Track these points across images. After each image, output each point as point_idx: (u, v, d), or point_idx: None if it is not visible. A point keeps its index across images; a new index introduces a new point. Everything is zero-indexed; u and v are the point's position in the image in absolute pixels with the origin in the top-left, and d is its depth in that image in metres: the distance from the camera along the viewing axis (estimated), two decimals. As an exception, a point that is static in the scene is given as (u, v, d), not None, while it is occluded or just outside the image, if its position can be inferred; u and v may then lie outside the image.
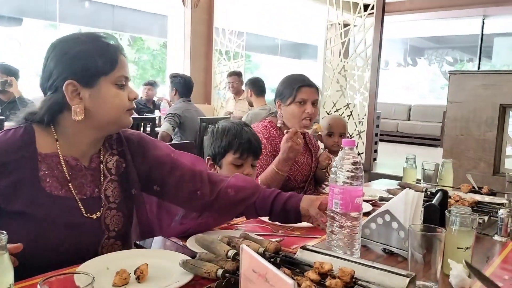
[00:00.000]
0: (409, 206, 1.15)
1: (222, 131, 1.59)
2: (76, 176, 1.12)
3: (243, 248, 0.62)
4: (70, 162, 1.12)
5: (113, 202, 1.17)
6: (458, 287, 0.97)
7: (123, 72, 1.12)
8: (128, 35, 9.60)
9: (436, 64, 12.31)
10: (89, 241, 1.12)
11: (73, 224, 1.09)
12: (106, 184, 1.17)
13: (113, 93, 1.10)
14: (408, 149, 2.94)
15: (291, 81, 2.03)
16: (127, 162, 1.22)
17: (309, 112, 1.96)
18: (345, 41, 5.05)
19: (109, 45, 1.11)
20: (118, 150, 1.22)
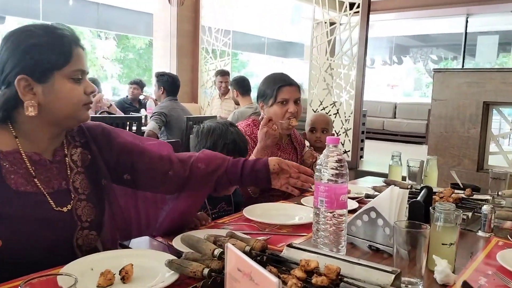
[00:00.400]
0: (394, 203, 1.16)
1: (207, 131, 1.58)
2: (41, 170, 1.10)
3: (228, 247, 0.61)
4: (33, 157, 1.09)
5: (82, 193, 1.16)
6: (443, 283, 0.98)
7: (79, 66, 1.09)
8: (113, 34, 9.51)
9: (421, 62, 12.46)
10: (63, 234, 1.10)
11: (45, 218, 1.07)
12: (73, 176, 1.15)
13: (67, 88, 1.07)
14: (394, 147, 2.97)
15: (271, 81, 2.02)
16: (92, 153, 1.21)
17: (291, 111, 1.96)
18: (331, 39, 5.06)
19: (64, 38, 1.08)
20: (81, 142, 1.21)
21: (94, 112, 4.38)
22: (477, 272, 1.07)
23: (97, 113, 4.30)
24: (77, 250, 1.11)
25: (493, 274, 1.05)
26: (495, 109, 3.14)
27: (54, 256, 1.04)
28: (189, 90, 6.58)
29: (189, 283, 0.92)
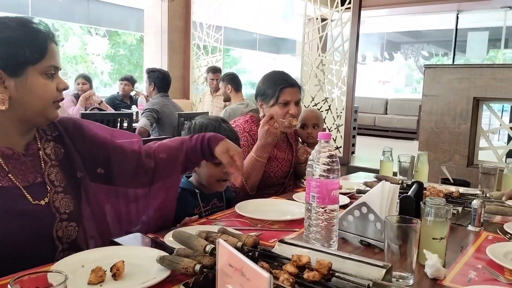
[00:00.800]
0: (385, 198, 1.16)
1: (199, 127, 1.57)
2: (14, 165, 1.09)
3: (219, 243, 0.61)
4: (6, 152, 1.08)
5: (59, 186, 1.16)
6: (433, 277, 0.99)
7: (52, 62, 1.08)
8: (104, 29, 9.43)
9: (412, 58, 12.52)
10: (42, 226, 1.09)
11: (23, 212, 1.06)
12: (48, 170, 1.15)
13: (40, 83, 1.07)
14: (385, 143, 2.98)
15: (273, 81, 1.98)
16: (65, 147, 1.21)
17: (292, 113, 1.94)
18: (323, 35, 5.07)
19: (39, 33, 1.07)
20: (52, 136, 1.21)
21: (84, 109, 4.35)
22: (467, 266, 1.08)
23: (87, 110, 4.27)
24: (57, 242, 1.11)
25: (483, 267, 1.06)
26: (485, 104, 3.16)
27: (35, 249, 1.04)
28: (181, 86, 6.55)
29: (181, 279, 0.91)
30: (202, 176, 1.56)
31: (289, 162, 2.09)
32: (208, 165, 1.53)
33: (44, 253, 1.04)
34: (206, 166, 1.54)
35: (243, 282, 0.54)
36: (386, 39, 12.34)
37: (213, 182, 1.56)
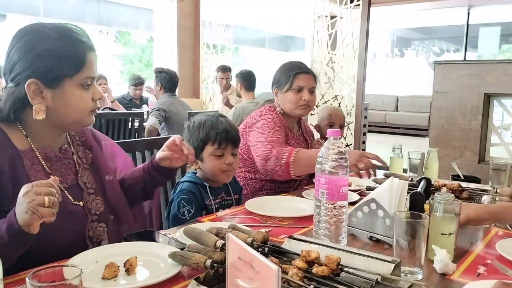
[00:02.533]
0: (394, 194, 1.17)
1: (198, 124, 1.61)
2: (56, 167, 1.14)
3: (229, 237, 0.63)
4: (48, 154, 1.13)
5: (90, 187, 1.20)
6: (442, 272, 1.00)
7: (90, 73, 1.10)
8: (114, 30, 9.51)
9: (423, 54, 12.42)
10: (78, 226, 1.14)
11: (65, 212, 1.09)
12: (81, 172, 1.20)
13: (77, 95, 1.09)
14: (396, 140, 2.97)
15: (288, 68, 2.02)
16: (92, 151, 1.27)
17: (306, 99, 1.96)
18: (332, 33, 5.06)
19: (78, 44, 1.08)
20: (81, 141, 1.26)
21: (96, 109, 4.40)
22: (477, 261, 1.08)
23: (100, 109, 4.32)
24: (89, 242, 1.15)
25: (492, 263, 1.07)
26: (497, 100, 3.14)
27: (69, 247, 1.07)
28: (191, 85, 6.58)
29: (192, 274, 0.93)
30: (206, 170, 1.60)
31: None
32: (210, 158, 1.58)
33: (75, 252, 1.06)
34: (209, 159, 1.58)
35: (252, 275, 0.55)
36: (396, 36, 12.26)
37: (218, 174, 1.59)
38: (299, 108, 1.99)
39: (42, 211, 0.86)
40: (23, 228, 0.88)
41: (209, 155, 1.58)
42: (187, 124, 1.66)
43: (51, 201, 0.87)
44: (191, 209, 1.50)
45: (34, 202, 0.86)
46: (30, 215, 0.86)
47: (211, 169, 1.58)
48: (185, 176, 1.66)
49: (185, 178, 1.64)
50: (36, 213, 0.86)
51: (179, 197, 1.54)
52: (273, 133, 1.90)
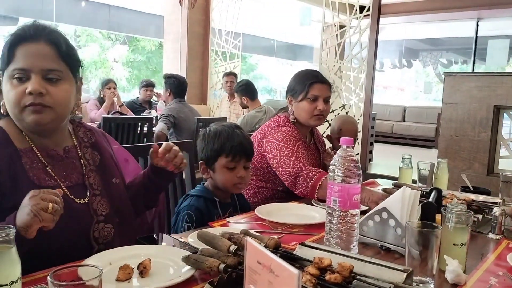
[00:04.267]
0: (406, 204, 1.17)
1: (214, 134, 1.60)
2: (57, 165, 1.16)
3: (247, 241, 0.63)
4: (50, 153, 1.15)
5: (97, 189, 1.21)
6: (454, 282, 1.00)
7: (19, 65, 1.06)
8: (123, 35, 9.59)
9: (431, 66, 12.41)
10: (81, 226, 1.14)
11: (68, 211, 1.08)
12: (88, 173, 1.21)
13: (7, 89, 1.08)
14: (403, 150, 2.96)
15: (304, 76, 2.00)
16: (101, 154, 1.28)
17: (320, 109, 1.95)
18: (341, 42, 5.08)
19: (9, 37, 1.08)
20: (90, 143, 1.28)
21: (106, 113, 4.44)
22: (488, 272, 1.08)
23: (109, 114, 4.35)
24: (94, 242, 1.15)
25: (504, 274, 1.06)
26: (506, 113, 3.13)
27: (73, 247, 1.09)
28: (199, 91, 6.62)
29: (205, 279, 0.94)
30: (218, 182, 1.59)
31: (317, 166, 2.09)
32: (222, 170, 1.57)
33: (81, 252, 1.07)
34: (221, 171, 1.57)
35: (271, 279, 0.56)
36: (404, 46, 12.27)
37: (229, 186, 1.59)
38: (313, 118, 1.98)
39: (44, 216, 0.87)
40: (20, 230, 0.88)
41: (221, 166, 1.57)
42: (202, 132, 1.66)
43: (54, 208, 0.89)
44: (191, 225, 1.49)
45: (38, 206, 0.87)
46: (31, 217, 0.87)
47: (222, 181, 1.58)
48: (195, 189, 1.65)
49: (195, 191, 1.62)
50: (38, 217, 0.87)
51: (185, 211, 1.54)
52: (297, 148, 1.88)
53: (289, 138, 1.91)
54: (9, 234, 0.74)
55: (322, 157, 2.16)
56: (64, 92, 1.11)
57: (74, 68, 1.16)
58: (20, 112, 1.07)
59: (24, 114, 1.07)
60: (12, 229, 0.74)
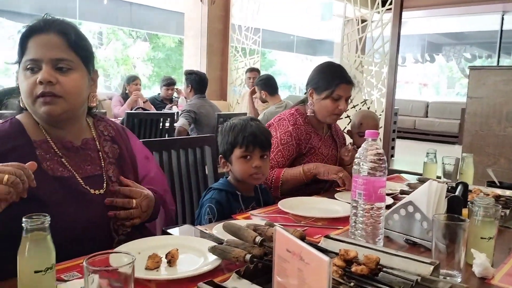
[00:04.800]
0: (432, 197, 1.16)
1: (229, 128, 1.63)
2: (73, 157, 1.17)
3: (276, 230, 0.64)
4: (65, 144, 1.16)
5: (116, 181, 1.23)
6: (481, 276, 0.99)
7: (30, 55, 1.09)
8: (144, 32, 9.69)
9: (454, 60, 12.16)
10: (100, 216, 1.15)
11: (81, 201, 1.12)
12: (106, 166, 1.23)
13: (20, 79, 1.11)
14: (426, 146, 2.90)
15: (330, 74, 1.99)
16: (120, 147, 1.30)
17: (341, 108, 1.97)
18: (362, 37, 5.03)
19: (23, 30, 1.12)
20: (110, 136, 1.30)
21: (129, 109, 4.51)
22: (516, 267, 1.06)
23: (132, 110, 4.42)
24: (114, 233, 1.17)
25: (533, 269, 1.05)
26: (533, 107, 3.06)
27: (93, 237, 1.11)
28: (218, 88, 6.65)
29: (231, 269, 0.95)
30: (236, 174, 1.62)
31: (334, 157, 2.09)
32: (238, 161, 1.59)
33: (101, 243, 1.10)
34: (237, 163, 1.60)
35: (301, 266, 0.57)
36: (427, 41, 12.05)
37: (246, 177, 1.60)
38: (331, 116, 2.00)
39: None
40: None
41: (237, 158, 1.59)
42: (220, 127, 1.69)
43: (10, 180, 0.87)
44: (212, 218, 1.52)
45: None
46: None
47: (240, 172, 1.60)
48: (217, 182, 1.68)
49: (217, 184, 1.65)
50: None
51: (207, 204, 1.56)
52: (283, 149, 1.95)
53: (283, 136, 1.96)
54: (44, 222, 0.76)
55: (339, 151, 2.15)
56: (75, 81, 1.12)
57: (85, 59, 1.16)
58: (33, 103, 1.10)
59: (37, 105, 1.10)
60: (47, 217, 0.77)
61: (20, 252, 0.75)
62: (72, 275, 0.91)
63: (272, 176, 1.88)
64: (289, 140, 1.96)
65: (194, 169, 1.95)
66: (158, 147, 1.81)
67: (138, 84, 4.97)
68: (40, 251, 0.76)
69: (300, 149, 1.98)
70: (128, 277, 0.67)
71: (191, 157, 1.94)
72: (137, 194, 1.21)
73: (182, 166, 1.89)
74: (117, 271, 0.66)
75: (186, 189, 1.89)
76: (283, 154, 1.94)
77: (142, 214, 1.21)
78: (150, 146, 1.77)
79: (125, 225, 1.17)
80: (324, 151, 2.03)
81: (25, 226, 0.75)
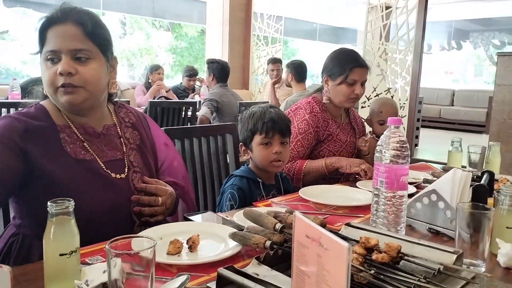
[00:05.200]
0: (457, 186, 1.14)
1: (248, 115, 1.64)
2: (95, 142, 1.19)
3: (296, 215, 0.64)
4: (87, 129, 1.18)
5: (137, 166, 1.25)
6: (507, 266, 0.96)
7: (50, 47, 1.11)
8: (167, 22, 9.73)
9: (482, 47, 11.81)
10: (121, 199, 1.17)
11: (102, 184, 1.15)
12: (128, 151, 1.25)
13: (42, 70, 1.13)
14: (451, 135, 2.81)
15: (344, 59, 1.98)
16: (141, 134, 1.32)
17: (357, 93, 1.95)
18: (387, 23, 4.92)
19: (40, 22, 1.13)
20: (131, 123, 1.32)
21: (152, 98, 4.56)
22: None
23: (155, 98, 4.47)
24: (135, 217, 1.19)
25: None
26: None
27: (115, 221, 1.13)
28: (240, 76, 6.65)
29: (251, 255, 0.96)
30: (256, 160, 1.63)
31: (353, 144, 2.07)
32: (258, 148, 1.60)
33: (122, 226, 1.12)
34: (257, 149, 1.60)
35: (320, 252, 0.56)
36: (454, 27, 11.73)
37: (267, 164, 1.61)
38: (348, 101, 1.99)
39: None
40: None
41: (257, 144, 1.60)
42: (240, 116, 1.70)
43: None
44: (234, 204, 1.53)
45: None
46: None
47: (260, 159, 1.61)
48: (239, 169, 1.69)
49: (239, 171, 1.66)
50: None
51: (228, 190, 1.58)
52: (302, 138, 1.95)
53: (301, 125, 1.97)
54: (69, 206, 0.78)
55: (359, 135, 2.13)
56: (94, 71, 1.13)
57: (103, 47, 1.17)
58: (54, 93, 1.12)
59: (58, 95, 1.12)
60: (71, 202, 0.78)
61: (45, 236, 0.77)
62: (96, 259, 0.93)
63: (294, 168, 1.88)
64: (307, 128, 1.95)
65: (216, 157, 1.96)
66: (180, 135, 1.83)
67: (161, 74, 5.01)
68: (65, 235, 0.78)
69: (319, 136, 1.98)
70: (149, 262, 0.68)
71: (213, 145, 1.95)
72: (163, 192, 1.22)
73: (203, 154, 1.91)
74: (139, 255, 0.67)
75: (207, 177, 1.91)
76: (303, 144, 1.93)
77: (165, 212, 1.23)
78: (172, 134, 1.79)
79: (149, 221, 1.19)
80: (342, 138, 2.01)
81: (50, 210, 0.77)
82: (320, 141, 1.99)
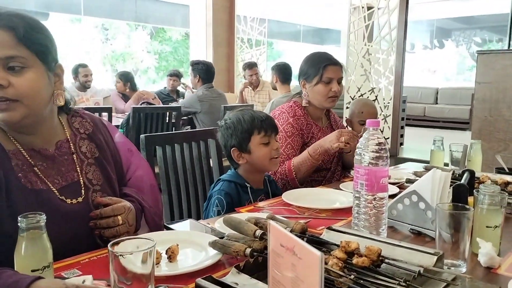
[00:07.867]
0: (437, 186, 1.14)
1: (237, 120, 1.61)
2: (48, 165, 1.07)
3: (271, 224, 0.63)
4: (44, 152, 1.07)
5: (97, 184, 1.14)
6: (487, 265, 0.97)
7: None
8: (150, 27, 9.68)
9: (464, 45, 11.98)
10: (82, 226, 1.08)
11: (60, 215, 1.04)
12: (85, 168, 1.14)
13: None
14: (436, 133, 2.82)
15: (316, 60, 2.02)
16: (98, 145, 1.19)
17: (335, 90, 1.97)
18: (369, 24, 4.96)
19: None
20: (86, 134, 1.19)
21: (136, 103, 4.52)
22: (524, 256, 1.04)
23: (138, 104, 4.43)
24: (99, 240, 1.10)
25: (541, 258, 1.02)
26: (544, 91, 2.99)
27: (80, 249, 1.03)
28: (225, 79, 6.64)
29: (231, 263, 0.95)
30: (255, 161, 1.60)
31: None
32: (259, 147, 1.59)
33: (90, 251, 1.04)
34: (257, 149, 1.59)
35: (294, 261, 0.56)
36: (436, 26, 11.87)
37: (267, 163, 1.60)
38: (328, 100, 2.00)
39: None
40: None
41: (257, 144, 1.58)
42: (221, 125, 1.66)
43: None
44: (221, 210, 1.51)
45: None
46: None
47: (261, 158, 1.59)
48: (226, 174, 1.67)
49: (227, 176, 1.64)
50: None
51: (215, 195, 1.56)
52: (292, 140, 1.95)
53: (286, 127, 1.97)
54: (40, 220, 0.76)
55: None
56: (31, 81, 0.98)
57: (41, 54, 1.01)
58: None
59: None
60: (43, 216, 0.76)
61: (16, 252, 0.75)
62: (73, 272, 0.91)
63: (284, 170, 1.87)
64: (293, 130, 1.96)
65: (199, 162, 1.94)
66: (161, 142, 1.81)
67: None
68: (37, 250, 0.76)
69: (303, 139, 1.99)
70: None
71: (195, 150, 1.93)
72: (120, 209, 1.10)
73: (186, 160, 1.89)
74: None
75: (190, 183, 1.89)
76: (292, 146, 1.94)
77: (130, 228, 1.12)
78: (153, 140, 1.77)
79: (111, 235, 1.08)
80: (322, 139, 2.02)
81: (20, 225, 0.75)
82: (304, 144, 1.99)
